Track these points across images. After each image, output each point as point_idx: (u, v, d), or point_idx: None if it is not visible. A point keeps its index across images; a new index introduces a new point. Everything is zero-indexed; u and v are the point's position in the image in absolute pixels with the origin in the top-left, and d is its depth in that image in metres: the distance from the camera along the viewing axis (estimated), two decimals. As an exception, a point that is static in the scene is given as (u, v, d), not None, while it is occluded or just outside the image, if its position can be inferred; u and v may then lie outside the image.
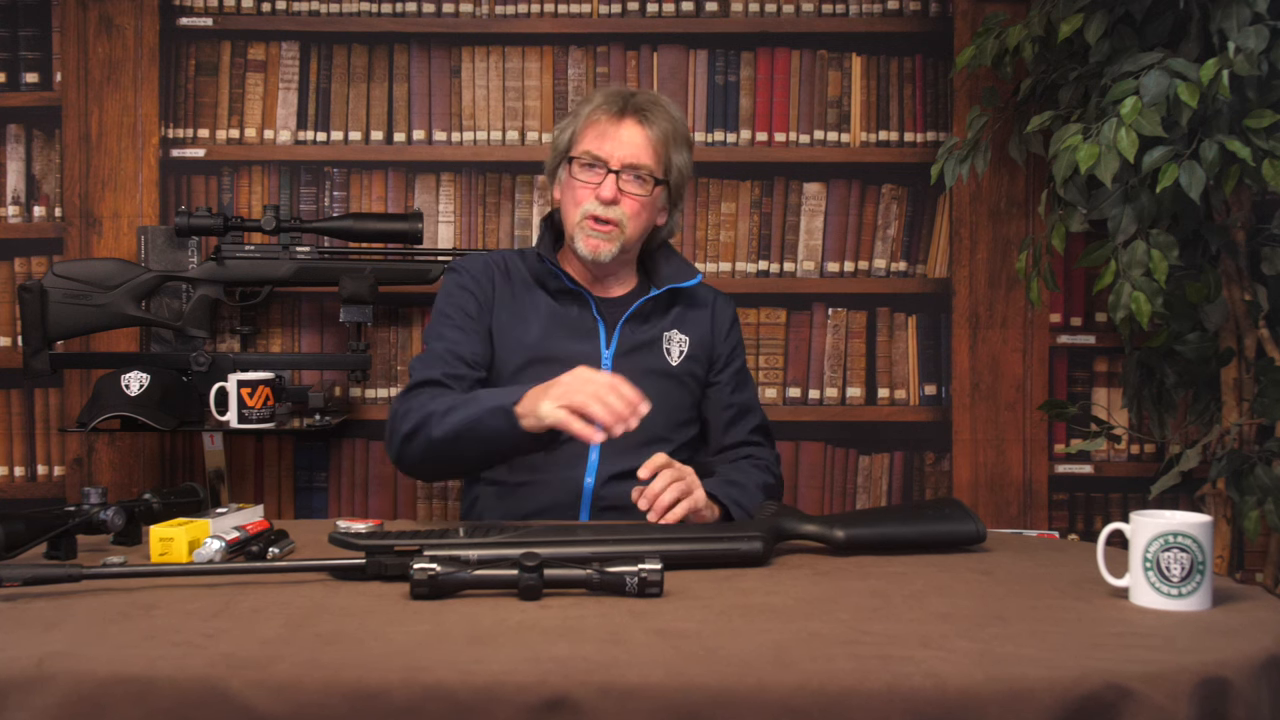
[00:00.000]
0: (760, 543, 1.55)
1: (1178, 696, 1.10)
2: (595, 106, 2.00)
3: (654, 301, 2.05)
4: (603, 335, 2.01)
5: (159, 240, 2.61)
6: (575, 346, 1.98)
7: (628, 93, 2.02)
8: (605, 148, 1.96)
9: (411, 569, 1.34)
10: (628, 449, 1.90)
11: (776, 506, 1.70)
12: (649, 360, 2.02)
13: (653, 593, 1.37)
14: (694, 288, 2.10)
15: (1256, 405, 2.33)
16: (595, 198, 1.96)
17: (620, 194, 1.96)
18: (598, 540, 1.51)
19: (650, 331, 2.04)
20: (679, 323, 2.07)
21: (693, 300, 2.10)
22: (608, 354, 2.00)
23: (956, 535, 1.66)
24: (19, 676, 1.10)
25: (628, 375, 1.93)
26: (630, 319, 2.02)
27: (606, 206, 1.95)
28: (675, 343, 2.05)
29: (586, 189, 1.97)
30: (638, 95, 2.01)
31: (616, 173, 1.96)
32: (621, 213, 1.97)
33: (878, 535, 1.64)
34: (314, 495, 2.71)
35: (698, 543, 1.54)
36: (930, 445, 2.72)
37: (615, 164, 1.96)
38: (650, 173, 1.98)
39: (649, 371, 1.99)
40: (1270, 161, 2.06)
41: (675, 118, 2.03)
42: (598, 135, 1.97)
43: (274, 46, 2.70)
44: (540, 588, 1.34)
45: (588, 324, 2.01)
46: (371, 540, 1.44)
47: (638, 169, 1.97)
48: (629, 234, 1.98)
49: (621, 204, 1.96)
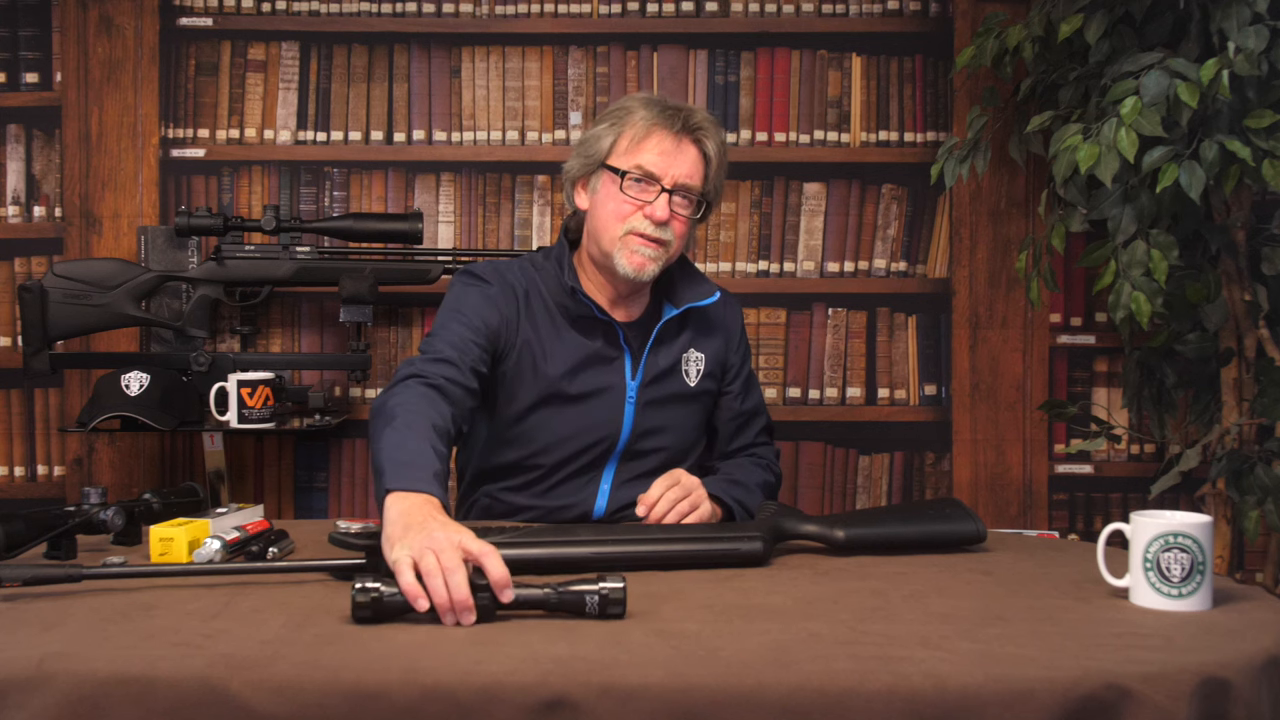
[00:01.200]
0: (760, 543, 1.55)
1: (1178, 697, 1.10)
2: (648, 120, 1.86)
3: (670, 320, 1.95)
4: (628, 365, 1.92)
5: (159, 240, 2.61)
6: (600, 379, 1.90)
7: (682, 107, 1.90)
8: (660, 166, 1.84)
9: (353, 589, 1.25)
10: (640, 477, 1.88)
11: (776, 506, 1.70)
12: (671, 386, 1.95)
13: (614, 613, 1.27)
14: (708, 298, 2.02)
15: (1256, 405, 2.33)
16: (644, 215, 1.84)
17: (670, 214, 1.86)
18: (597, 541, 1.50)
19: (670, 355, 1.96)
20: (695, 341, 1.99)
21: (706, 314, 2.01)
22: (633, 384, 1.91)
23: (957, 535, 1.66)
24: (19, 676, 1.10)
25: (649, 404, 1.92)
26: (652, 344, 1.93)
27: (659, 227, 1.84)
28: (693, 362, 1.98)
29: (633, 205, 1.85)
30: (695, 114, 1.89)
31: (670, 192, 1.85)
32: (671, 233, 1.86)
33: (878, 535, 1.64)
34: (314, 495, 2.71)
35: (698, 543, 1.54)
36: (930, 445, 2.72)
37: (669, 182, 1.84)
38: (699, 195, 1.88)
39: (672, 397, 1.95)
40: (1270, 161, 2.06)
41: (722, 139, 1.93)
42: (657, 152, 1.85)
43: (274, 46, 2.70)
44: (494, 608, 1.25)
45: (611, 355, 1.91)
46: (371, 540, 1.43)
47: (689, 191, 1.86)
48: (671, 254, 1.89)
49: (670, 224, 1.86)
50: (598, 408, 1.90)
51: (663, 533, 1.60)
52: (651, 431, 1.93)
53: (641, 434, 1.92)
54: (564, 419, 1.90)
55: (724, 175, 1.94)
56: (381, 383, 2.69)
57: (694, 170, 1.86)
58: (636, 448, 1.92)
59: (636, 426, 1.91)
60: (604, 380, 1.90)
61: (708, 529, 1.64)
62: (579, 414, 1.90)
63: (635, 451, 1.93)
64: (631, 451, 1.92)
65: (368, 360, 2.56)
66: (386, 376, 2.69)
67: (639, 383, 1.92)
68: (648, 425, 1.92)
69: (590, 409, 1.90)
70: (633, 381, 1.92)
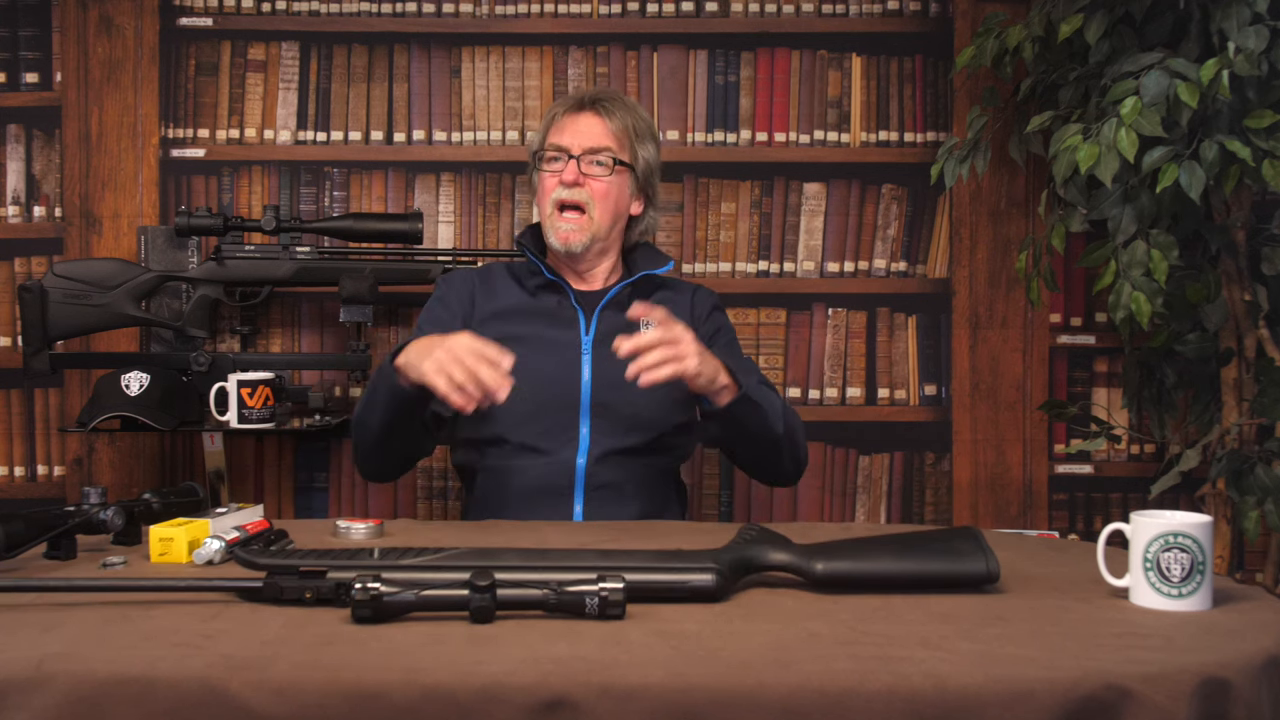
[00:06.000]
0: (714, 575, 1.34)
1: (1178, 697, 1.10)
2: (556, 108, 2.11)
3: (633, 290, 2.09)
4: (582, 322, 2.06)
5: (159, 240, 2.61)
6: (555, 333, 2.04)
7: (589, 91, 2.13)
8: (565, 138, 2.05)
9: (353, 589, 1.23)
10: (616, 429, 1.99)
11: (757, 531, 1.47)
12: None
13: (614, 614, 1.25)
14: (677, 282, 2.19)
15: (1256, 405, 2.33)
16: (560, 183, 2.03)
17: (583, 177, 2.03)
18: (525, 567, 1.33)
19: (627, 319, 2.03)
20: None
21: (674, 291, 2.15)
22: (587, 339, 2.04)
23: (960, 576, 1.41)
24: (19, 677, 1.10)
25: (607, 359, 1.96)
26: (609, 307, 2.07)
27: (570, 189, 2.03)
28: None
29: (552, 178, 2.05)
30: (602, 92, 2.12)
31: (576, 158, 2.04)
32: (585, 195, 2.04)
33: (864, 572, 1.41)
34: (314, 495, 2.71)
35: (639, 573, 1.34)
36: (930, 445, 2.72)
37: (575, 150, 2.04)
38: (612, 155, 2.05)
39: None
40: (1270, 161, 2.06)
41: (637, 112, 2.12)
42: (558, 129, 2.07)
43: (274, 46, 2.70)
44: (493, 609, 1.24)
45: (567, 313, 2.07)
46: (276, 560, 1.34)
47: (598, 152, 2.05)
48: (598, 220, 2.05)
49: (586, 186, 2.04)
50: (554, 360, 2.01)
51: (601, 560, 1.38)
52: (614, 386, 1.96)
53: (603, 387, 2.00)
54: (521, 366, 1.86)
55: (653, 148, 2.12)
56: (381, 383, 2.69)
57: (600, 135, 2.06)
58: (603, 400, 2.00)
59: (596, 379, 2.01)
60: (558, 334, 2.04)
61: (656, 556, 1.38)
62: (535, 360, 1.96)
63: (603, 404, 2.00)
64: (599, 405, 2.00)
65: (368, 360, 2.56)
66: (386, 376, 2.69)
67: (592, 338, 2.04)
68: (608, 379, 1.99)
69: (547, 359, 2.00)
70: (586, 337, 2.05)
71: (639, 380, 1.74)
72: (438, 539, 1.66)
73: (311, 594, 1.31)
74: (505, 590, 1.26)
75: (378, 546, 1.43)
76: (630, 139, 2.08)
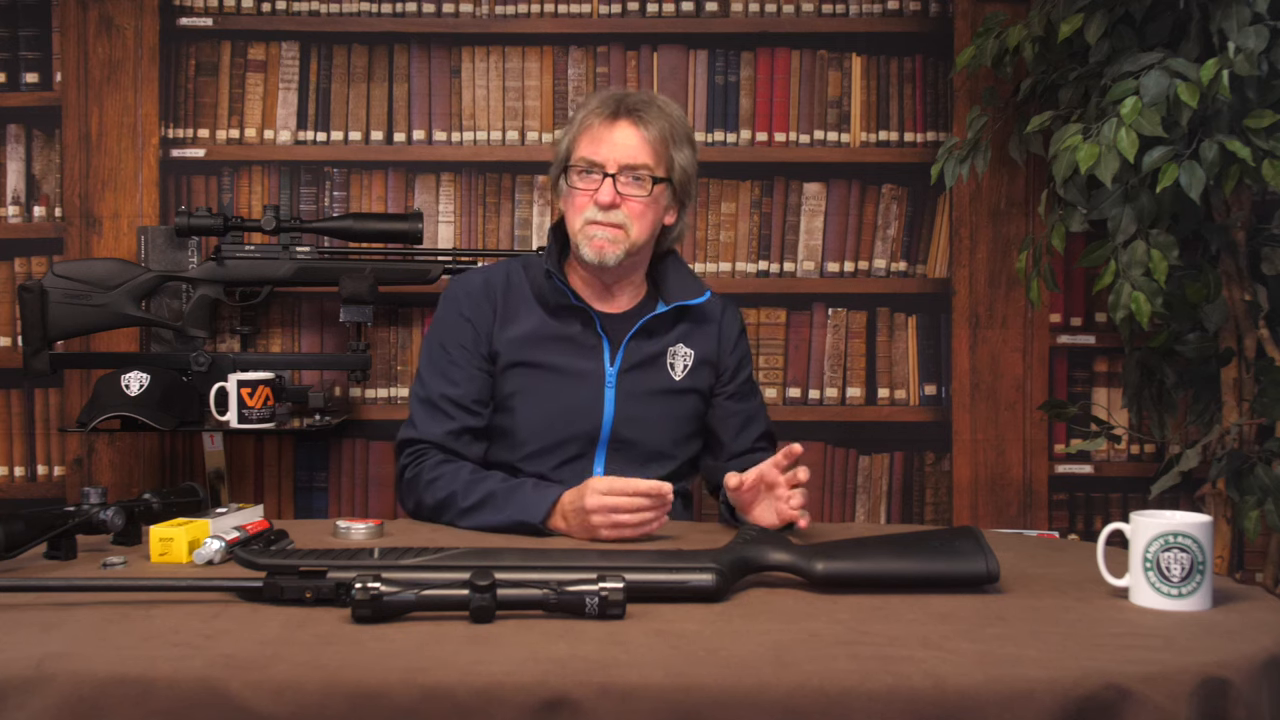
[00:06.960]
0: (714, 575, 1.36)
1: (1178, 697, 1.11)
2: (589, 111, 1.95)
3: (660, 316, 2.00)
4: (607, 352, 1.97)
5: (159, 240, 2.61)
6: (576, 363, 1.96)
7: (621, 94, 1.97)
8: (600, 152, 1.91)
9: (353, 589, 1.24)
10: (633, 463, 1.94)
11: (757, 531, 1.53)
12: (652, 377, 1.99)
13: (614, 614, 1.26)
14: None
15: (1256, 405, 2.33)
16: (594, 203, 1.91)
17: (620, 197, 1.91)
18: (525, 567, 1.34)
19: (655, 346, 2.00)
20: (685, 337, 2.02)
21: (701, 314, 2.04)
22: (612, 371, 1.96)
23: (960, 575, 1.43)
24: (18, 677, 1.10)
25: (630, 392, 1.96)
26: (635, 335, 1.98)
27: (606, 211, 1.90)
28: (680, 357, 2.02)
29: (585, 195, 1.92)
30: (631, 96, 1.96)
31: (613, 176, 1.90)
32: (624, 216, 1.91)
33: (864, 571, 1.43)
34: (314, 495, 2.71)
35: (639, 573, 1.35)
36: (930, 445, 2.72)
37: (611, 167, 1.90)
38: (650, 172, 1.92)
39: (652, 390, 1.98)
40: (1270, 161, 2.06)
41: (673, 115, 1.97)
42: (592, 140, 1.92)
43: (274, 46, 2.70)
44: (493, 609, 1.25)
45: (590, 341, 1.97)
46: (274, 560, 1.35)
47: (635, 170, 1.91)
48: (635, 236, 1.93)
49: (623, 207, 1.91)
50: (576, 391, 1.95)
51: (601, 560, 1.42)
52: (635, 420, 1.96)
53: (625, 421, 1.96)
54: (541, 396, 1.92)
55: (690, 151, 2.00)
56: (382, 383, 2.69)
57: (636, 150, 1.92)
58: (622, 436, 1.96)
59: (619, 413, 1.96)
60: (581, 365, 1.96)
61: (656, 556, 1.45)
62: (556, 391, 1.94)
63: (622, 440, 1.96)
64: (618, 440, 1.96)
65: (368, 360, 2.56)
66: (386, 376, 2.69)
67: (617, 369, 1.97)
68: (630, 413, 1.96)
69: (567, 390, 1.95)
70: (611, 368, 1.97)
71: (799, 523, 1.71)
72: (437, 539, 1.67)
73: (311, 594, 1.32)
74: (505, 590, 1.27)
75: (378, 546, 1.44)
76: (668, 148, 1.94)
